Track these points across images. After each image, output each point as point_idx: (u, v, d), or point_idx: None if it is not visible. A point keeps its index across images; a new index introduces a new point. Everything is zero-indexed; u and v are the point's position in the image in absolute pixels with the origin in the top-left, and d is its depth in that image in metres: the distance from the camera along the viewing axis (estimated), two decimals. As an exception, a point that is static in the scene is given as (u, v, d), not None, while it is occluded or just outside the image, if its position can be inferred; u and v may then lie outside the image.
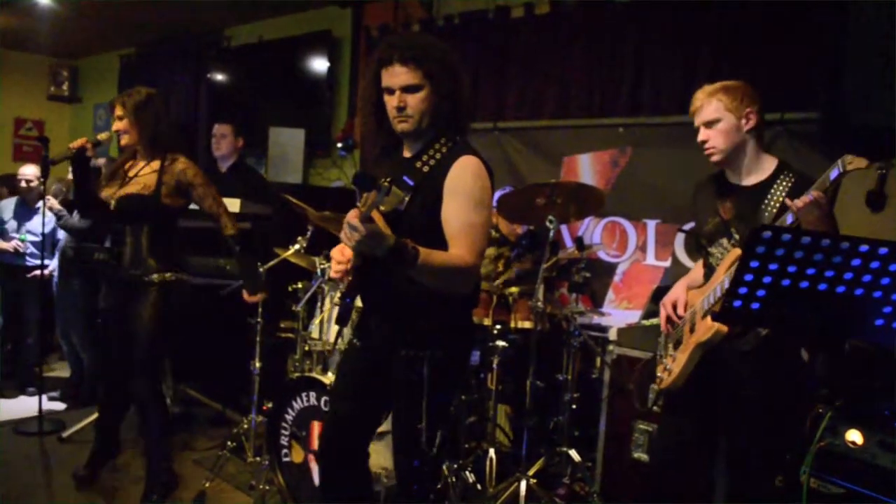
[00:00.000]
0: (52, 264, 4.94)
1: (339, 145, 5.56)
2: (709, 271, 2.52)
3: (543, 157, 4.52)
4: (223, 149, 4.61)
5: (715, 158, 2.43)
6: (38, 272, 4.87)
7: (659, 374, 2.60)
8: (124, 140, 3.24)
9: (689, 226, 3.84)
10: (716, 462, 2.65)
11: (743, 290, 2.06)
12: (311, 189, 5.72)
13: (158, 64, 7.41)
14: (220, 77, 6.70)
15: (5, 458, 3.92)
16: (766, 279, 2.01)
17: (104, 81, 8.30)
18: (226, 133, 4.60)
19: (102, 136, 3.18)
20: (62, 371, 5.45)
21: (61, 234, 4.92)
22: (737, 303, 2.09)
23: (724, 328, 2.25)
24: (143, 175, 3.24)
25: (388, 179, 1.76)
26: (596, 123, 4.34)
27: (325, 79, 5.81)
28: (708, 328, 2.29)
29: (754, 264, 1.99)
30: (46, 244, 4.67)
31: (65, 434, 4.21)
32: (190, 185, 3.25)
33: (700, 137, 2.43)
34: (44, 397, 4.31)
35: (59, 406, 4.88)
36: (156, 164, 3.25)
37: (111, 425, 3.60)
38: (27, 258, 4.98)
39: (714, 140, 2.40)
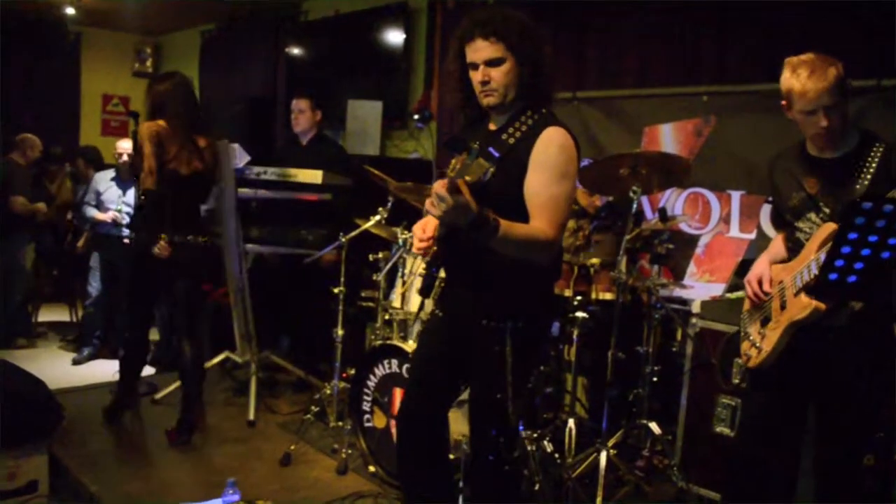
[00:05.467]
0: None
1: (416, 117, 5.53)
2: (795, 246, 2.44)
3: (624, 128, 4.44)
4: (302, 124, 4.66)
5: (832, 139, 2.30)
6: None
7: (745, 352, 2.54)
8: None
9: (775, 197, 3.73)
10: (803, 439, 2.60)
11: (840, 263, 2.01)
12: (389, 160, 5.75)
13: (237, 39, 7.51)
14: (297, 51, 6.77)
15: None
16: (865, 251, 1.96)
17: (186, 57, 8.49)
18: (304, 108, 4.65)
19: None
20: (152, 336, 5.67)
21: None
22: (833, 276, 2.04)
23: (823, 306, 2.17)
24: None
25: (478, 143, 1.78)
26: (678, 92, 4.22)
27: (401, 51, 5.81)
28: (804, 306, 2.20)
29: (853, 236, 1.94)
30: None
31: (157, 396, 4.41)
32: None
33: (823, 123, 2.24)
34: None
35: (150, 369, 5.10)
36: None
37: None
38: (123, 228, 5.15)
39: (834, 122, 2.24)
